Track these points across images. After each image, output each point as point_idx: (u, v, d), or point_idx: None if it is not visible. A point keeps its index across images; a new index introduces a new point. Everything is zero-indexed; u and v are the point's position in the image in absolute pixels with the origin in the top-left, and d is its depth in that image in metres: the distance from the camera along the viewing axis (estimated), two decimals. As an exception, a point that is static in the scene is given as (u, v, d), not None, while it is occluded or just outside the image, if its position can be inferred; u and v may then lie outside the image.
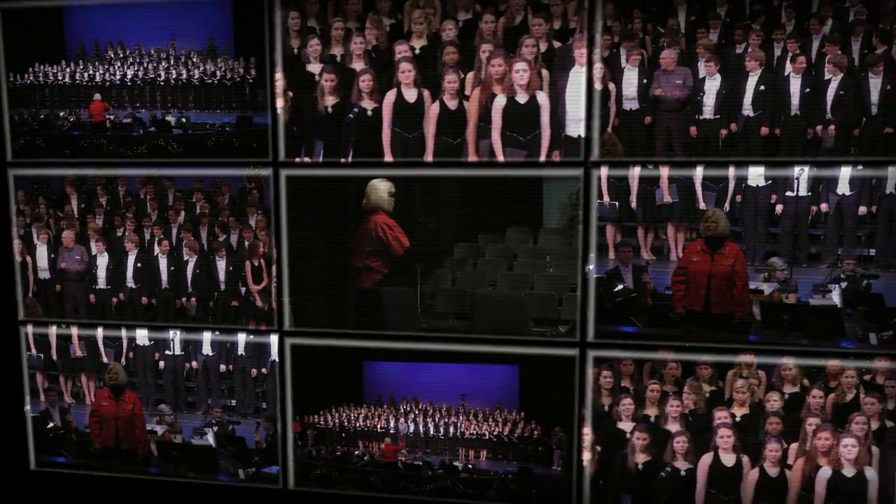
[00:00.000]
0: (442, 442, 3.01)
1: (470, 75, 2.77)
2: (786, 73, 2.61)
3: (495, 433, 2.97)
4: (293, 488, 3.12)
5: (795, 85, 2.61)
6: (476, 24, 2.74)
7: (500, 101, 2.75)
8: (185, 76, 2.98)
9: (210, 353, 3.15)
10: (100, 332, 3.21)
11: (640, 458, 2.85)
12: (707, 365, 2.76)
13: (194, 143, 2.99)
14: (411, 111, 2.82)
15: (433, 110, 2.81)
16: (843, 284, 2.62)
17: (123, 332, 3.19)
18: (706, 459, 2.79)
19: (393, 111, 2.84)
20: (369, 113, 2.86)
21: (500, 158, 2.78)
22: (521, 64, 2.68)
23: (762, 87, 2.62)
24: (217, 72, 2.95)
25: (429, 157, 2.83)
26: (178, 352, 3.17)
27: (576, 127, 2.71)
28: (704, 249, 2.72)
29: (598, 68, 2.65)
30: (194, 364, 3.17)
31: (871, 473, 2.63)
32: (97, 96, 3.04)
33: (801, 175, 2.63)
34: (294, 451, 3.10)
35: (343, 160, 2.90)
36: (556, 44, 2.72)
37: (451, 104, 2.79)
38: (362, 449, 3.06)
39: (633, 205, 2.76)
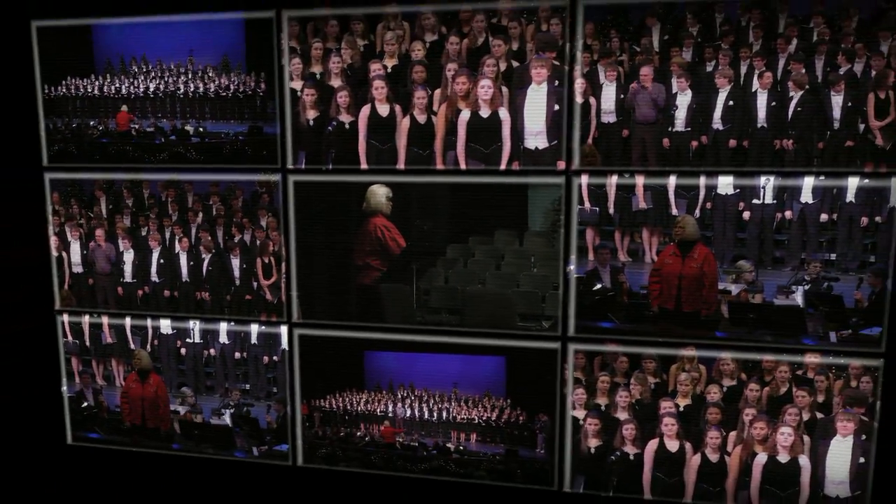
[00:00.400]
0: (435, 425, 3.24)
1: (437, 92, 2.96)
2: (753, 90, 2.76)
3: (484, 418, 3.20)
4: (301, 465, 3.40)
5: (762, 100, 2.77)
6: (442, 45, 2.92)
7: (464, 116, 2.94)
8: (201, 89, 3.21)
9: (226, 342, 3.44)
10: (128, 322, 3.50)
11: (593, 443, 3.06)
12: (651, 359, 2.95)
13: (210, 150, 3.23)
14: (384, 125, 3.03)
15: (404, 124, 3.01)
16: (806, 286, 2.80)
17: (149, 322, 3.48)
18: (652, 445, 2.99)
19: (368, 124, 3.03)
20: (346, 126, 3.06)
21: (463, 167, 2.98)
22: (485, 81, 2.86)
23: (731, 103, 2.78)
24: (231, 85, 3.18)
25: (401, 166, 3.04)
26: (197, 340, 3.45)
27: (534, 140, 2.90)
28: (676, 253, 2.92)
29: (579, 83, 2.85)
30: (212, 351, 3.46)
31: (804, 461, 2.82)
32: (123, 107, 3.26)
33: (767, 184, 2.79)
34: (302, 432, 3.38)
35: (324, 168, 3.13)
36: (515, 63, 2.89)
37: (421, 118, 2.99)
38: (364, 431, 3.31)
39: (611, 210, 2.94)
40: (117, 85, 3.28)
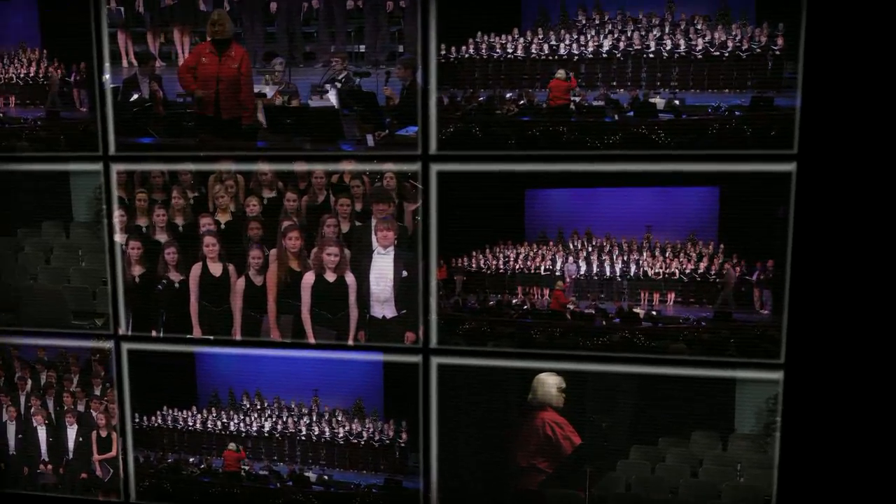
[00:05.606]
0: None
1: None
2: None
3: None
4: None
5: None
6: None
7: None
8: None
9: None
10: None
11: (137, 271, 2.66)
12: (188, 172, 2.60)
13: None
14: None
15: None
16: (339, 85, 2.55)
17: None
18: (196, 270, 2.62)
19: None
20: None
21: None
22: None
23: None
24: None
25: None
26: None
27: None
28: (213, 51, 2.57)
29: None
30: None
31: (350, 278, 2.58)
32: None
33: (286, -28, 2.53)
34: None
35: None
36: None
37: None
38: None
39: (141, 9, 2.56)
40: None
